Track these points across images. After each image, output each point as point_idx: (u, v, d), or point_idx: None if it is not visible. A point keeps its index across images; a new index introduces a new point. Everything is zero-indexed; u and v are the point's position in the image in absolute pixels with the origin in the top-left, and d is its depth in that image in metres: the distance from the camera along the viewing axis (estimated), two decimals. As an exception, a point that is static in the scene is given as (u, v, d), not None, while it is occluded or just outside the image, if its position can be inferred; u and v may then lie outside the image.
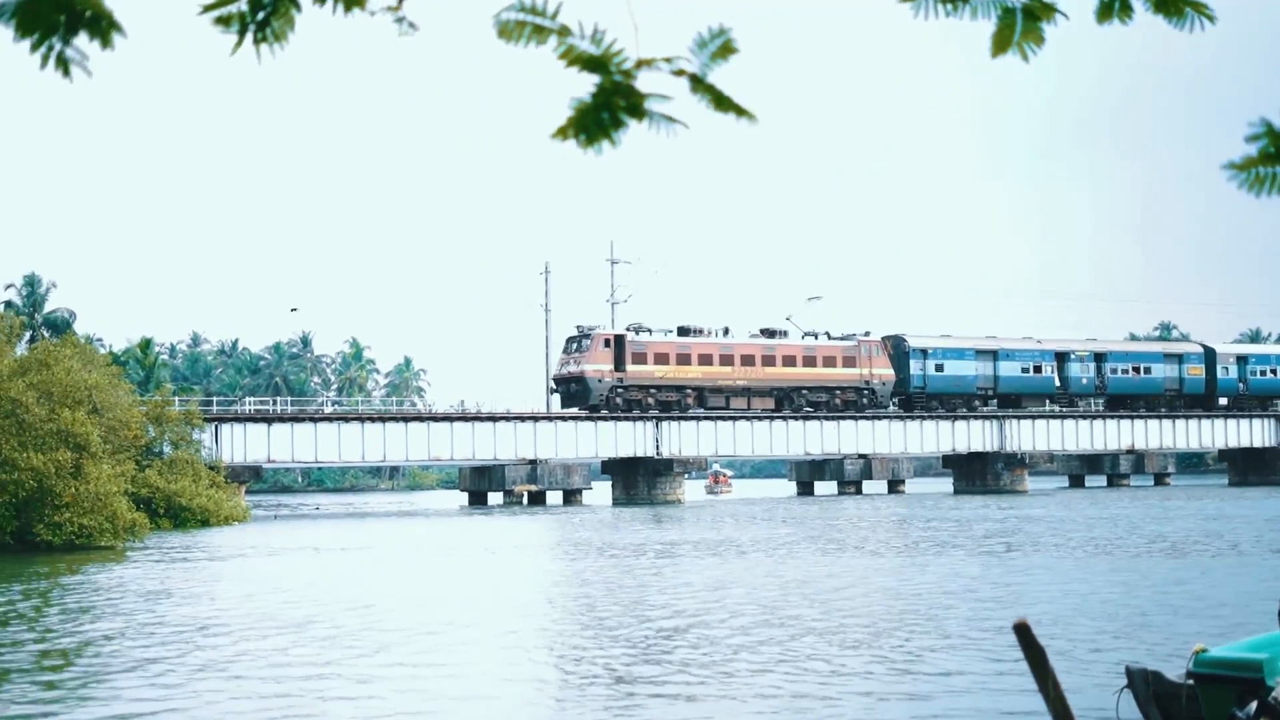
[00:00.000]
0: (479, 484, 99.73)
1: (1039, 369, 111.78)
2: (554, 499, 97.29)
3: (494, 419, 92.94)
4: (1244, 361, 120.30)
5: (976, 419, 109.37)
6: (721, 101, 4.97)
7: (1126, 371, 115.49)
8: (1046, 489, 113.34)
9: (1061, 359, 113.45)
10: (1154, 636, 23.51)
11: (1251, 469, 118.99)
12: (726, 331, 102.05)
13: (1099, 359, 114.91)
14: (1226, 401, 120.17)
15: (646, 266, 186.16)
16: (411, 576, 39.69)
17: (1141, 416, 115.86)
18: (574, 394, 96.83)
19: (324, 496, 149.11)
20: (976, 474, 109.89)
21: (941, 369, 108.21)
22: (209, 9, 5.05)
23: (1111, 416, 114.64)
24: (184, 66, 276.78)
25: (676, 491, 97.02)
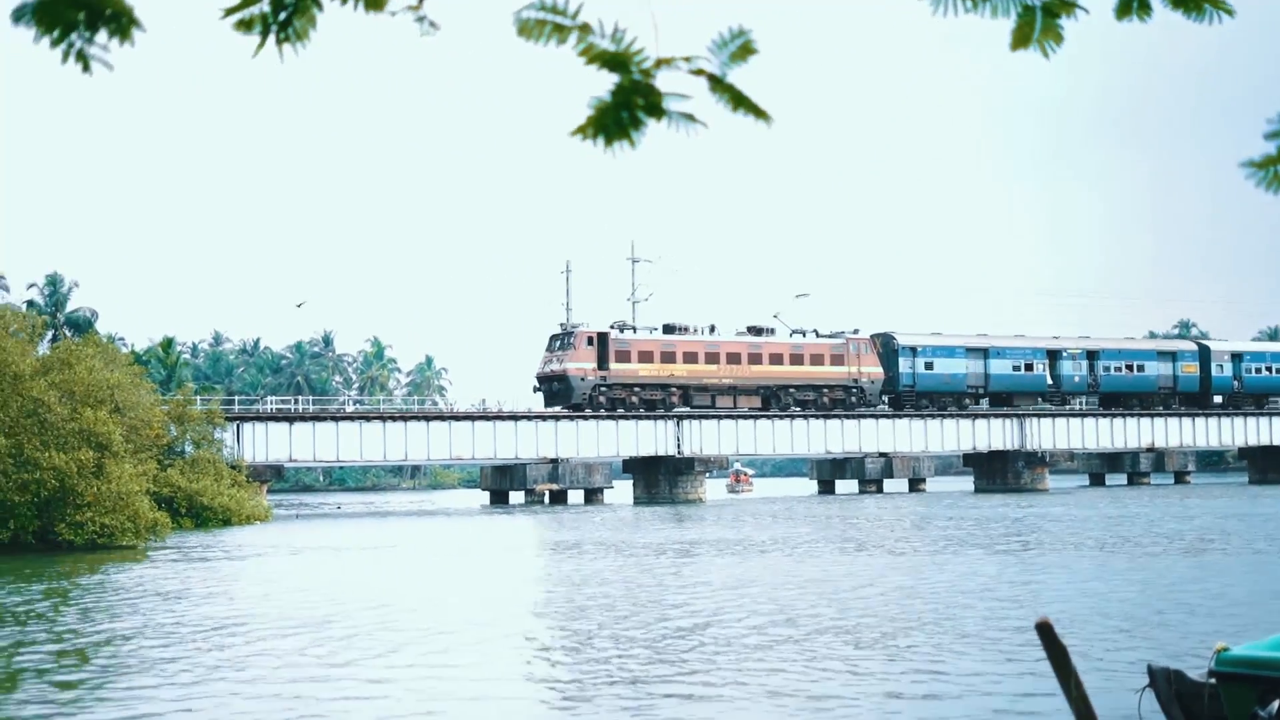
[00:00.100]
0: (500, 483, 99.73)
1: (1030, 367, 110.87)
2: (575, 498, 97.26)
3: (515, 418, 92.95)
4: (1239, 359, 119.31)
5: (997, 417, 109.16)
6: (741, 102, 4.98)
7: (1120, 370, 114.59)
8: (1067, 487, 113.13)
9: (1053, 357, 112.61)
10: (1174, 635, 23.43)
11: (1271, 467, 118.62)
12: (713, 329, 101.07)
13: (1091, 357, 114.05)
14: (1221, 400, 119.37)
15: (666, 265, 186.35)
16: (431, 576, 39.71)
17: (1161, 415, 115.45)
18: (556, 392, 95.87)
19: (345, 496, 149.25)
20: (997, 472, 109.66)
21: (931, 367, 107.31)
22: (231, 12, 5.07)
23: (1132, 415, 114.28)
24: (205, 65, 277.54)
25: (698, 490, 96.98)
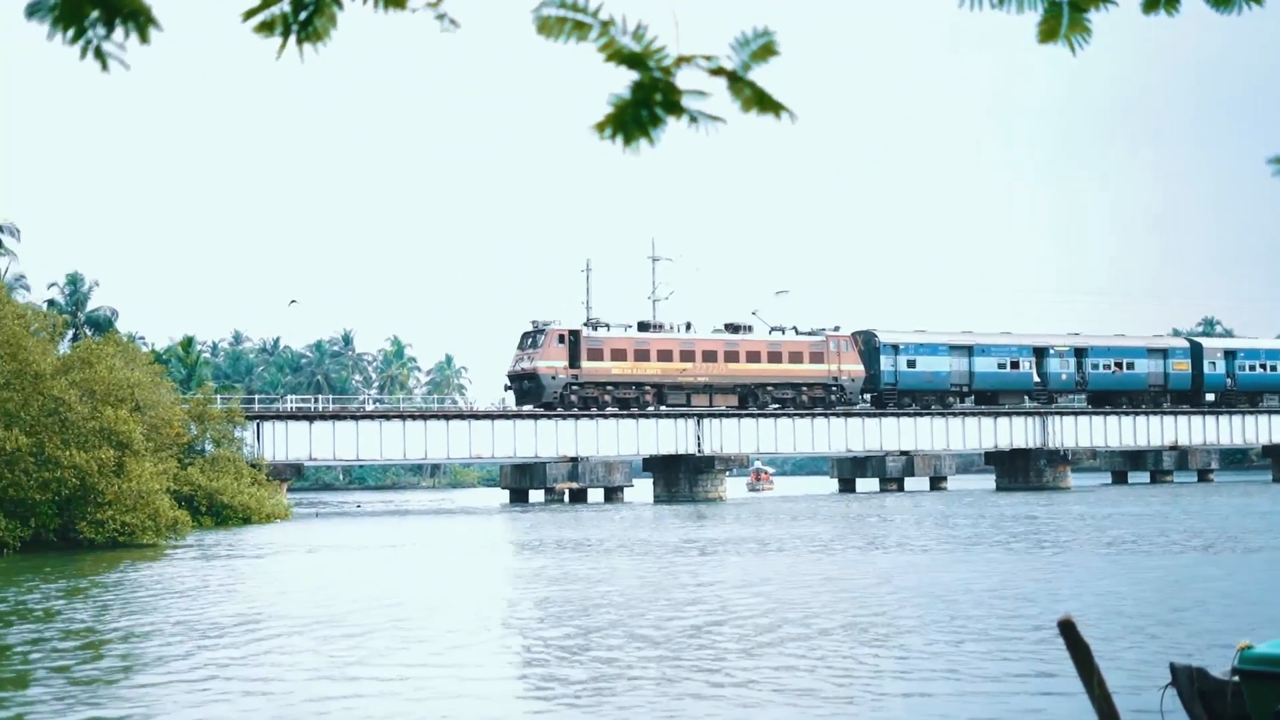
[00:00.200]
0: (520, 481, 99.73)
1: (1016, 364, 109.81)
2: (595, 496, 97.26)
3: (535, 417, 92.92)
4: (1232, 356, 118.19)
5: (1019, 415, 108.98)
6: (763, 99, 4.96)
7: (1109, 367, 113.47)
8: (1089, 485, 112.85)
9: (1040, 354, 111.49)
10: (1197, 633, 23.37)
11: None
12: (689, 327, 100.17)
13: (1080, 354, 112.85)
14: (1214, 398, 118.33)
15: (687, 264, 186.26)
16: (447, 574, 39.74)
17: (1184, 412, 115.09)
18: (526, 391, 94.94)
19: (365, 494, 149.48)
20: (1019, 471, 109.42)
21: (914, 365, 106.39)
22: (251, 14, 5.07)
23: (1154, 413, 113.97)
24: (225, 65, 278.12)
25: (718, 489, 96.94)
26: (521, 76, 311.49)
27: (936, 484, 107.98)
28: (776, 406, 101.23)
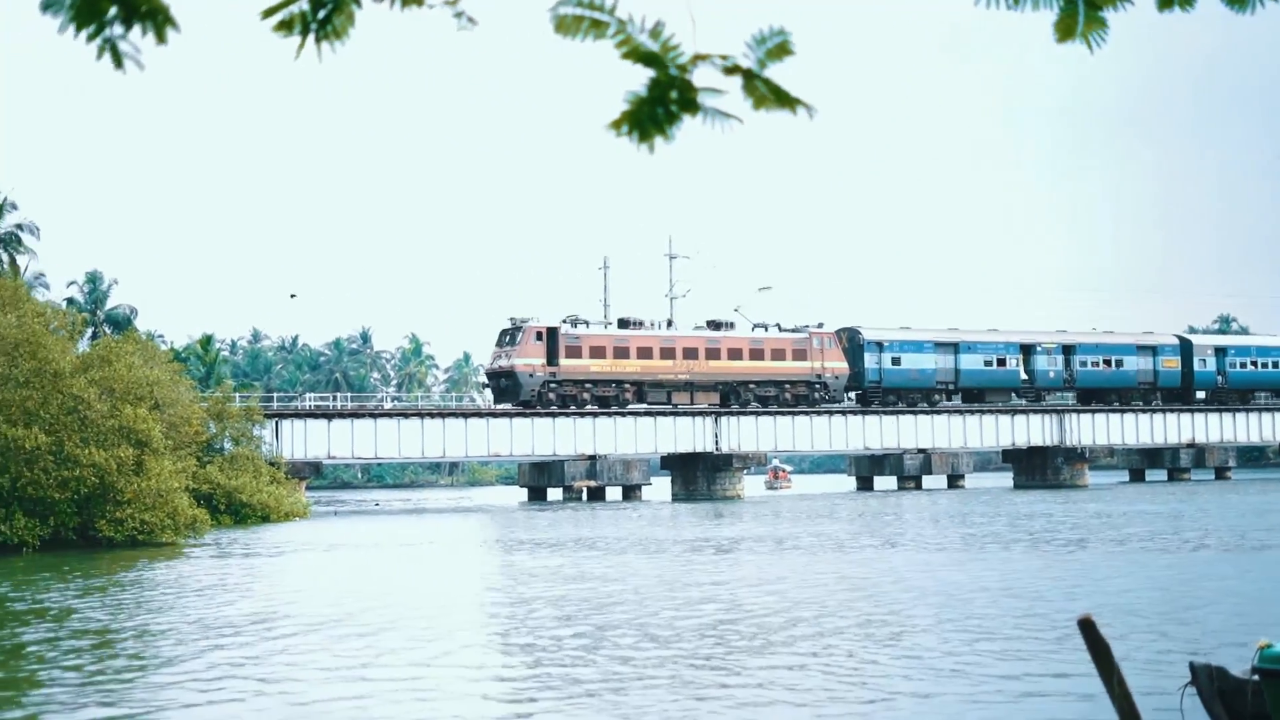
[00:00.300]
0: (538, 480, 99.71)
1: (1003, 362, 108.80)
2: (613, 495, 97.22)
3: (553, 415, 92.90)
4: (1222, 353, 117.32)
5: (1037, 413, 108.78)
6: (780, 96, 4.96)
7: (1097, 364, 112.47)
8: (1107, 483, 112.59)
9: (1027, 352, 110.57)
10: (1216, 632, 23.31)
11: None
12: (670, 324, 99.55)
13: (1067, 351, 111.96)
14: (1204, 395, 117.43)
15: (704, 261, 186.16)
16: (464, 572, 39.73)
17: (1202, 410, 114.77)
18: (504, 389, 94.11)
19: (383, 492, 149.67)
20: (1036, 469, 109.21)
21: (898, 362, 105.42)
22: (270, 12, 5.07)
23: (1172, 410, 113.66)
24: (242, 63, 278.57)
25: (736, 487, 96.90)
26: (538, 74, 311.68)
27: (954, 482, 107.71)
28: (758, 405, 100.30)
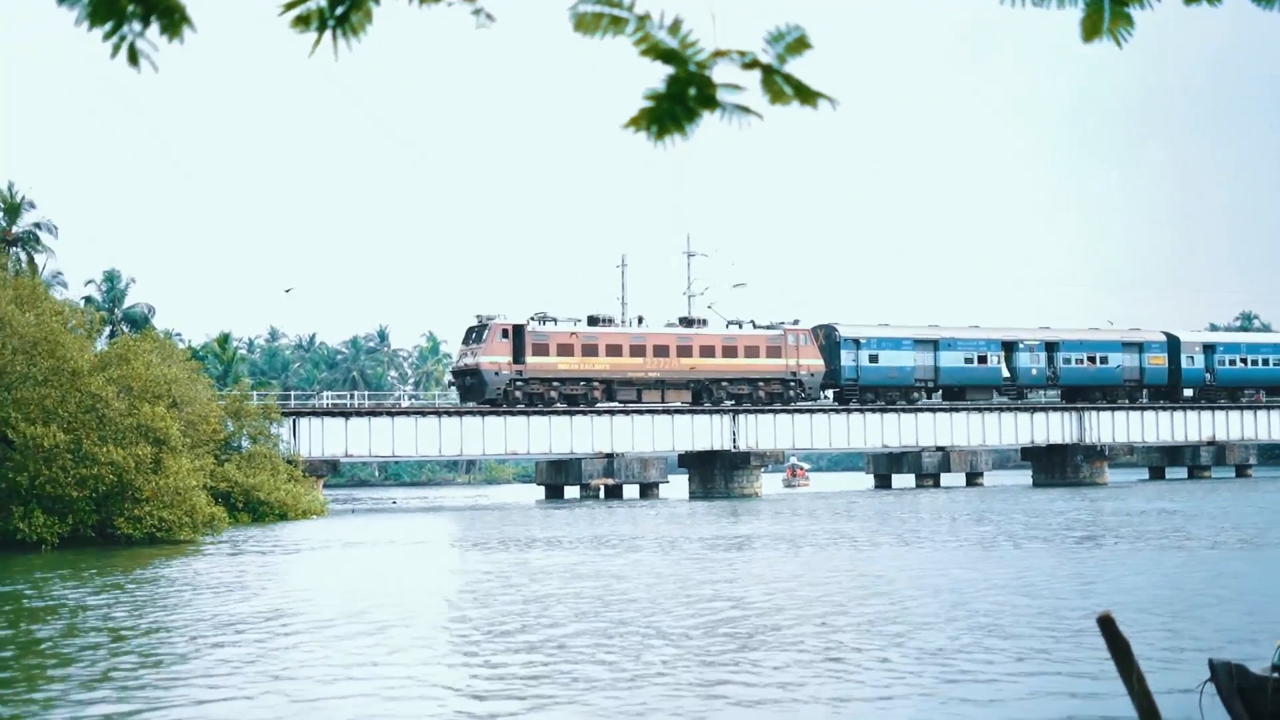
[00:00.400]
0: (555, 478, 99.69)
1: (984, 359, 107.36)
2: (631, 493, 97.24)
3: (570, 413, 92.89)
4: (1211, 350, 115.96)
5: (1055, 411, 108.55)
6: (802, 92, 4.94)
7: (1081, 361, 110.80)
8: (1127, 481, 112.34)
9: (1009, 349, 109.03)
10: (1235, 630, 23.26)
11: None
12: (640, 321, 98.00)
13: (1050, 348, 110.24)
14: (1192, 393, 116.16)
15: (723, 260, 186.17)
16: (480, 571, 39.72)
17: (1222, 408, 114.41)
18: (470, 388, 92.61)
19: (400, 490, 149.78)
20: (1056, 466, 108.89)
21: (876, 359, 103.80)
22: (289, 7, 5.07)
23: (1192, 408, 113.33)
24: (260, 61, 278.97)
25: (753, 485, 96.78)
26: (556, 72, 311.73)
27: (972, 480, 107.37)
28: (732, 403, 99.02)
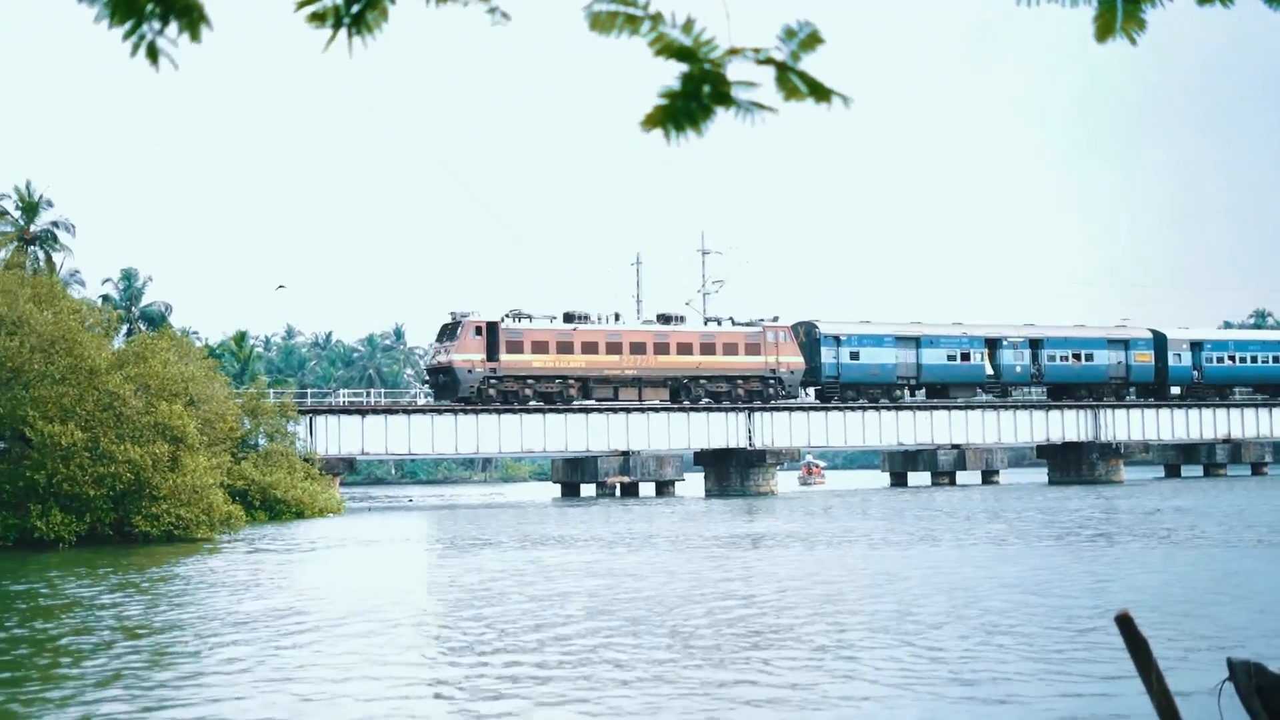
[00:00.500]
0: (571, 476, 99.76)
1: (967, 356, 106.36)
2: (646, 490, 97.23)
3: (586, 410, 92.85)
4: (1198, 348, 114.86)
5: (1071, 409, 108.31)
6: (816, 88, 4.94)
7: (1066, 359, 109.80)
8: (1142, 479, 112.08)
9: (993, 345, 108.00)
10: (1254, 628, 23.21)
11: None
12: (617, 317, 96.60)
13: (1035, 345, 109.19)
14: (1179, 391, 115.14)
15: (737, 257, 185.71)
16: (494, 569, 39.71)
17: (1238, 405, 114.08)
18: (443, 385, 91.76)
19: (417, 488, 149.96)
20: (1071, 465, 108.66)
21: (857, 357, 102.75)
22: (305, 4, 5.08)
23: (1208, 405, 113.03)
24: (276, 62, 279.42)
25: (769, 483, 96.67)
26: (571, 70, 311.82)
27: (988, 478, 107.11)
28: (709, 401, 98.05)
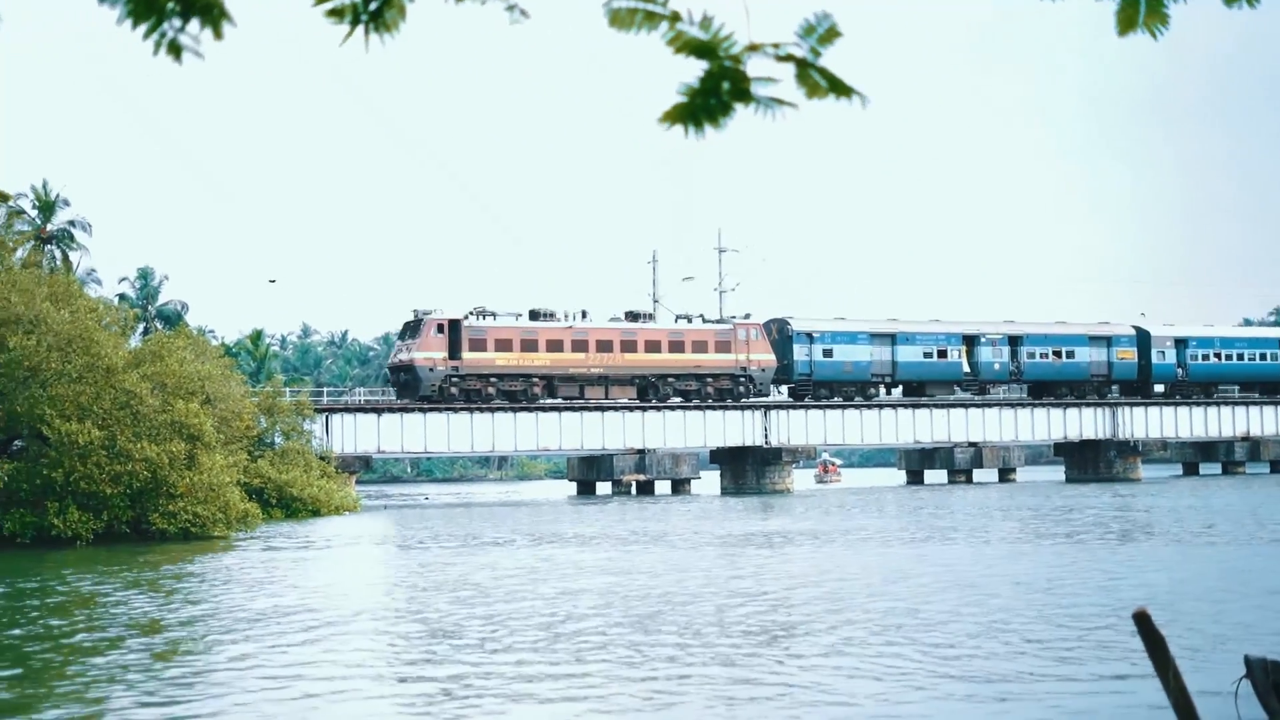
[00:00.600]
0: (587, 474, 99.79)
1: (944, 353, 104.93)
2: (662, 489, 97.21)
3: (602, 409, 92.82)
4: (1183, 345, 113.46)
5: (1088, 406, 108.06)
6: (835, 85, 4.94)
7: (1046, 356, 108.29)
8: (1160, 477, 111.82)
9: (971, 342, 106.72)
10: (1270, 625, 23.17)
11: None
12: (584, 315, 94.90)
13: (1014, 342, 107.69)
14: (1163, 389, 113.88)
15: (754, 254, 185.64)
16: (509, 567, 39.74)
17: (1257, 403, 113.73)
18: (405, 384, 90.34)
19: (433, 486, 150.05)
20: (1089, 462, 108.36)
21: (830, 354, 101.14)
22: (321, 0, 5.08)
23: (1226, 403, 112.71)
24: (292, 58, 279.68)
25: (785, 481, 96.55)
26: (571, 71, 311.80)
27: (1005, 476, 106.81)
28: (679, 399, 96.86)
